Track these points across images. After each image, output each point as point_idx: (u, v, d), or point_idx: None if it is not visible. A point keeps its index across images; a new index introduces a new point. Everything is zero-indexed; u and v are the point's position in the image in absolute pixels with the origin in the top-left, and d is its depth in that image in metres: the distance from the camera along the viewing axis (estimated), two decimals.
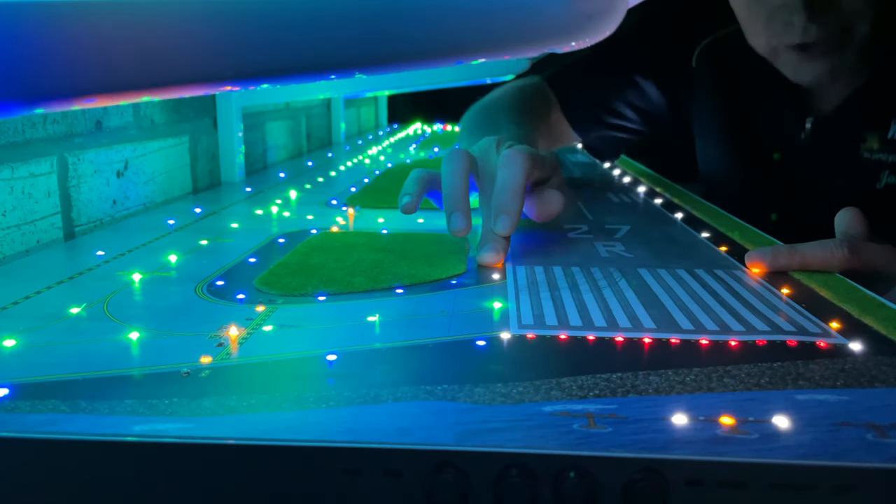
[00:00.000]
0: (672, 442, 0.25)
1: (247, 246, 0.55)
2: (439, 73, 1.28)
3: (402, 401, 0.28)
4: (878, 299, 0.41)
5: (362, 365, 0.32)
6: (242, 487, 0.25)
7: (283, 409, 0.27)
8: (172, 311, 0.40)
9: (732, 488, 0.24)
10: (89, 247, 0.55)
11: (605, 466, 0.24)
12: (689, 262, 0.49)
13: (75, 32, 0.31)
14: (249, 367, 0.32)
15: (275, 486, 0.25)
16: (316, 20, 0.34)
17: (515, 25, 0.37)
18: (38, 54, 0.31)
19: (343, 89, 1.34)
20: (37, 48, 0.30)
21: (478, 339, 0.35)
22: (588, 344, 0.35)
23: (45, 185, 0.58)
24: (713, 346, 0.34)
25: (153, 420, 0.26)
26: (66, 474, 0.25)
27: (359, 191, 0.83)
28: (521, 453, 0.24)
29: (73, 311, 0.39)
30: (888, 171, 0.69)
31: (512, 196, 0.49)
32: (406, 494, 0.24)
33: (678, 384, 0.30)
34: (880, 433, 0.25)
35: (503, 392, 0.29)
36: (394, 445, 0.25)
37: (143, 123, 0.75)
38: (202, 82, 0.36)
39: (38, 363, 0.32)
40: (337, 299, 0.42)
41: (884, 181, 0.69)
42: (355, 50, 0.35)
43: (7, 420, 0.27)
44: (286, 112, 1.21)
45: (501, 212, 0.49)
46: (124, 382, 0.30)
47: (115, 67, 0.32)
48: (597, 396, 0.28)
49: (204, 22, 0.33)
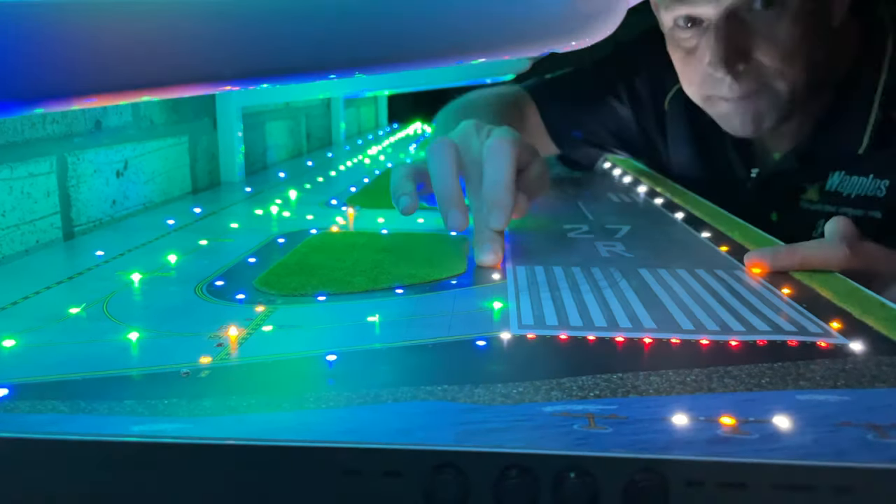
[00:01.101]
0: (672, 442, 0.25)
1: (246, 246, 0.55)
2: (439, 73, 1.28)
3: (402, 401, 0.28)
4: (878, 299, 0.41)
5: (362, 365, 0.32)
6: (242, 487, 0.25)
7: (282, 410, 0.27)
8: (172, 312, 0.40)
9: (733, 488, 0.24)
10: (89, 247, 0.55)
11: (605, 467, 0.24)
12: (690, 262, 0.49)
13: (75, 32, 0.31)
14: (249, 367, 0.32)
15: (275, 486, 0.25)
16: (316, 20, 0.34)
17: (515, 25, 0.37)
18: (37, 54, 0.31)
19: (343, 89, 1.34)
20: (36, 48, 0.30)
21: (478, 339, 0.35)
22: (588, 344, 0.34)
23: (44, 184, 0.58)
24: (714, 346, 0.34)
25: (153, 420, 0.26)
26: (65, 474, 0.25)
27: (359, 191, 0.83)
28: (521, 453, 0.24)
29: (72, 311, 0.39)
30: (824, 221, 0.73)
31: (504, 189, 0.49)
32: (406, 495, 0.24)
33: (678, 384, 0.30)
34: (881, 433, 0.25)
35: (503, 392, 0.29)
36: (394, 446, 0.24)
37: (143, 123, 0.74)
38: (202, 82, 0.36)
39: (37, 363, 0.32)
40: (337, 299, 0.42)
41: (820, 230, 0.73)
42: (355, 50, 0.35)
43: (7, 420, 0.26)
44: (286, 112, 1.21)
45: (495, 206, 0.49)
46: (124, 383, 0.30)
47: (115, 67, 0.32)
48: (597, 397, 0.28)
49: (204, 22, 0.33)
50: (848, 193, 0.73)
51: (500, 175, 0.49)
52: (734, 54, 0.69)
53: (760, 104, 0.72)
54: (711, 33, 0.69)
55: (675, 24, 0.73)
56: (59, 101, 0.33)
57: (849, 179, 0.73)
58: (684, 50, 0.74)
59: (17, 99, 0.31)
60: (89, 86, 0.32)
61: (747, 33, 0.69)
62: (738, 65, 0.69)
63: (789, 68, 0.70)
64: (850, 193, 0.72)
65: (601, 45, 0.41)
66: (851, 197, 0.72)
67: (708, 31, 0.70)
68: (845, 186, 0.73)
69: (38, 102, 0.33)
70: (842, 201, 0.73)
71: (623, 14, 0.38)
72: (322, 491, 0.25)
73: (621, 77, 0.92)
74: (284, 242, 0.56)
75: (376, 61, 0.37)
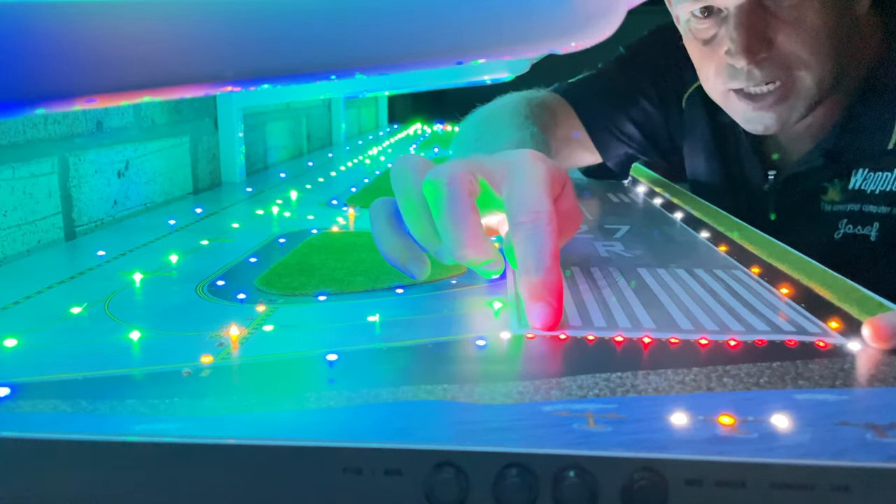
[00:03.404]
0: (671, 441, 0.25)
1: (247, 246, 0.55)
2: (439, 73, 1.28)
3: (402, 401, 0.28)
4: (877, 299, 0.41)
5: (362, 365, 0.32)
6: (242, 487, 0.25)
7: (283, 409, 0.27)
8: (173, 311, 0.40)
9: (732, 488, 0.24)
10: (90, 247, 0.55)
11: (604, 466, 0.24)
12: (689, 262, 0.49)
13: (77, 33, 0.31)
14: (250, 366, 0.32)
15: (275, 486, 0.25)
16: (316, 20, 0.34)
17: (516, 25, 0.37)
18: (39, 55, 0.31)
19: (343, 89, 1.34)
20: (38, 48, 0.31)
21: (478, 339, 0.35)
22: (588, 344, 0.35)
23: (46, 185, 0.58)
24: (713, 345, 0.34)
25: (154, 420, 0.26)
26: (66, 474, 0.25)
27: (359, 191, 0.83)
28: (521, 453, 0.24)
29: (74, 310, 0.39)
30: (846, 220, 0.71)
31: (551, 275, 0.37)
32: (406, 494, 0.24)
33: (678, 384, 0.30)
34: (879, 433, 0.25)
35: (503, 392, 0.29)
36: (394, 445, 0.25)
37: (144, 124, 0.75)
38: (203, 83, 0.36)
39: (39, 363, 0.32)
40: (337, 299, 0.42)
41: (842, 231, 0.71)
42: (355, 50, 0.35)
43: (8, 420, 0.27)
44: (286, 112, 1.21)
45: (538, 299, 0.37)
46: (125, 382, 0.30)
47: (116, 68, 0.32)
48: (596, 396, 0.28)
49: (205, 23, 0.33)
50: (872, 190, 0.70)
51: (541, 259, 0.37)
52: (756, 42, 0.66)
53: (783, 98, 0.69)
54: (731, 20, 0.66)
55: (690, 14, 0.70)
56: (61, 102, 0.34)
57: (873, 176, 0.70)
58: (701, 41, 0.71)
59: (18, 99, 0.31)
60: (91, 86, 0.33)
61: (769, 19, 0.65)
62: (759, 53, 0.66)
63: (814, 56, 0.67)
64: (875, 190, 0.70)
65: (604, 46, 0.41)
66: (876, 193, 0.70)
67: (727, 19, 0.67)
68: (869, 183, 0.70)
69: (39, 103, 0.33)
70: (866, 199, 0.70)
71: (623, 15, 0.38)
72: (322, 490, 0.25)
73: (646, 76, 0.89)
74: (285, 242, 0.57)
75: (376, 61, 0.37)
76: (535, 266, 0.36)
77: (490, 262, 0.39)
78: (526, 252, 0.37)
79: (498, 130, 0.72)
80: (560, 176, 0.42)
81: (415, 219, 0.40)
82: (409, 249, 0.41)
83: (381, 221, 0.42)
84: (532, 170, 0.39)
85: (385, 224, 0.42)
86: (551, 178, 0.40)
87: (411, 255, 0.41)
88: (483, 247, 0.38)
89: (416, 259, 0.41)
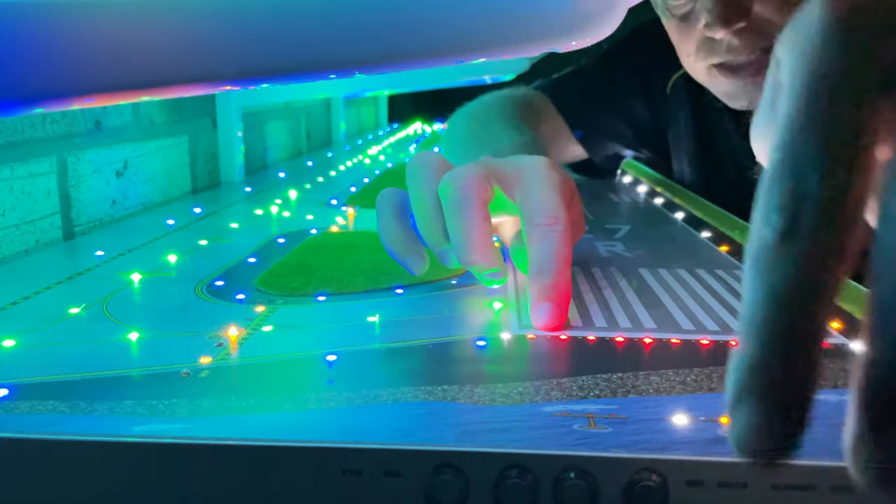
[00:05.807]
0: (672, 442, 0.25)
1: (246, 246, 0.55)
2: (439, 73, 1.28)
3: (402, 401, 0.28)
4: None
5: (362, 365, 0.32)
6: (242, 488, 0.25)
7: (283, 410, 0.27)
8: (172, 312, 0.40)
9: (733, 488, 0.24)
10: (89, 247, 0.55)
11: (605, 467, 0.24)
12: (690, 261, 0.49)
13: (75, 32, 0.31)
14: (249, 367, 0.32)
15: (275, 486, 0.25)
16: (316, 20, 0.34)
17: (515, 25, 0.37)
18: (37, 54, 0.31)
19: (343, 89, 1.34)
20: (36, 48, 0.30)
21: (478, 339, 0.35)
22: (588, 344, 0.34)
23: (44, 184, 0.58)
24: (714, 346, 0.34)
25: (153, 420, 0.26)
26: (65, 475, 0.25)
27: (359, 191, 0.83)
28: (521, 454, 0.24)
29: (72, 311, 0.39)
30: None
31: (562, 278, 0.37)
32: (406, 495, 0.24)
33: (679, 384, 0.30)
34: None
35: (503, 392, 0.29)
36: (394, 446, 0.24)
37: (143, 123, 0.74)
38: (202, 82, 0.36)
39: (37, 363, 0.32)
40: (337, 299, 0.42)
41: None
42: (355, 49, 0.35)
43: (7, 420, 0.26)
44: (286, 112, 1.21)
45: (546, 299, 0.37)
46: (124, 383, 0.30)
47: (115, 67, 0.32)
48: (597, 397, 0.28)
49: (204, 22, 0.33)
50: None
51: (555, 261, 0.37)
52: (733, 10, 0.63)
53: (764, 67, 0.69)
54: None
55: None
56: (59, 101, 0.34)
57: None
58: (678, 17, 0.69)
59: (16, 98, 0.31)
60: (89, 85, 0.32)
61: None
62: (737, 22, 0.63)
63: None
64: None
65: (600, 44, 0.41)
66: None
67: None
68: None
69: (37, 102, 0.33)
70: None
71: (623, 13, 0.38)
72: (322, 491, 0.25)
73: (632, 72, 0.88)
74: (284, 242, 0.56)
75: (376, 61, 0.37)
76: (547, 267, 0.37)
77: (495, 270, 0.39)
78: (540, 253, 0.38)
79: (496, 132, 0.73)
80: (570, 186, 0.43)
81: (426, 218, 0.41)
82: (411, 244, 0.42)
83: (388, 212, 0.43)
84: (549, 176, 0.41)
85: (391, 215, 0.43)
86: (564, 186, 0.41)
87: (412, 249, 0.42)
88: (491, 255, 0.39)
89: (416, 254, 0.42)
